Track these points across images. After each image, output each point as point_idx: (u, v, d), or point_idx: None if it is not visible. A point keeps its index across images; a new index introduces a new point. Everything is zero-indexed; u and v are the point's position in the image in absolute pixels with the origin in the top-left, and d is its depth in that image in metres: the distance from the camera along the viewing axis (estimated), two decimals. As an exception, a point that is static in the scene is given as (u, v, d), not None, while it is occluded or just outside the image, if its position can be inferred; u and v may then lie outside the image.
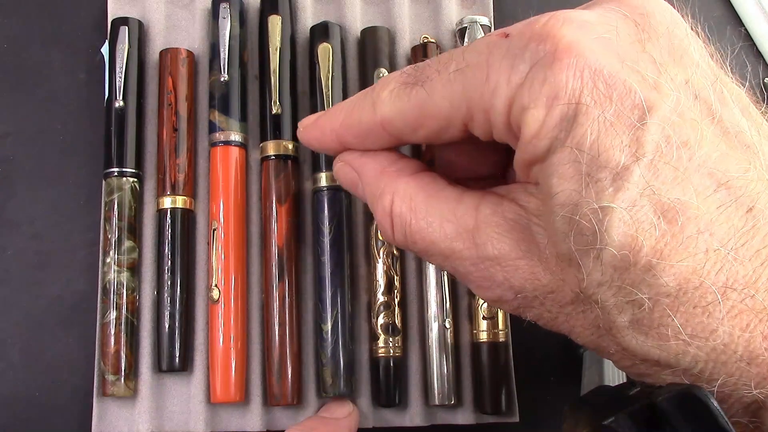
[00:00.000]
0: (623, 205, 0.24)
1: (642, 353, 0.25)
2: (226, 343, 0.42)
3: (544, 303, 0.28)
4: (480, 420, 0.44)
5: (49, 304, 0.44)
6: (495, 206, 0.29)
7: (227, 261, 0.43)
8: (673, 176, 0.24)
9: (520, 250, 0.27)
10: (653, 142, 0.24)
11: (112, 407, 0.43)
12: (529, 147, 0.26)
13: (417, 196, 0.31)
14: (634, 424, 0.24)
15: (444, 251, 0.29)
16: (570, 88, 0.25)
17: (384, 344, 0.43)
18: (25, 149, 0.46)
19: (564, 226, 0.25)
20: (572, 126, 0.25)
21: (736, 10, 0.51)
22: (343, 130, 0.33)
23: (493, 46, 0.27)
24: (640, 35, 0.26)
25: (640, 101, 0.24)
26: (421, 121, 0.30)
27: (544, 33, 0.26)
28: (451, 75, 0.28)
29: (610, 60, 0.25)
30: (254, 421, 0.43)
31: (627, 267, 0.24)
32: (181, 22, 0.48)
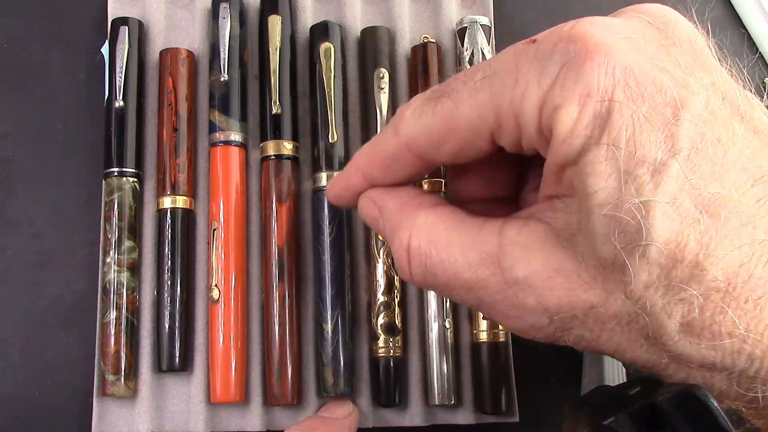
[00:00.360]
0: (665, 200, 0.23)
1: (697, 358, 0.25)
2: (226, 343, 0.42)
3: (585, 322, 0.26)
4: (480, 420, 0.44)
5: (49, 304, 0.44)
6: (520, 227, 0.28)
7: (227, 261, 0.43)
8: (711, 171, 0.24)
9: (552, 268, 0.26)
10: (688, 137, 0.24)
11: (112, 407, 0.43)
12: (563, 147, 0.25)
13: (436, 227, 0.30)
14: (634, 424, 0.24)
15: (468, 281, 0.28)
16: (603, 86, 0.25)
17: (384, 344, 0.43)
18: (25, 149, 0.46)
19: (605, 227, 0.24)
20: (606, 123, 0.24)
21: (736, 10, 0.51)
22: (367, 165, 0.33)
23: (520, 52, 0.27)
24: (664, 41, 0.27)
25: (672, 98, 0.24)
26: (446, 135, 0.29)
27: (573, 34, 0.26)
28: (478, 83, 0.28)
29: (639, 59, 0.25)
30: (254, 421, 0.43)
31: (674, 264, 0.24)
32: (181, 22, 0.48)
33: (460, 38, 0.47)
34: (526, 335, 0.29)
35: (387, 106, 0.46)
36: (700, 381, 0.26)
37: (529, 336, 0.28)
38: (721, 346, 0.24)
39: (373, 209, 0.33)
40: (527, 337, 0.29)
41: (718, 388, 0.25)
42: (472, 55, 0.46)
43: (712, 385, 0.25)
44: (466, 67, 0.46)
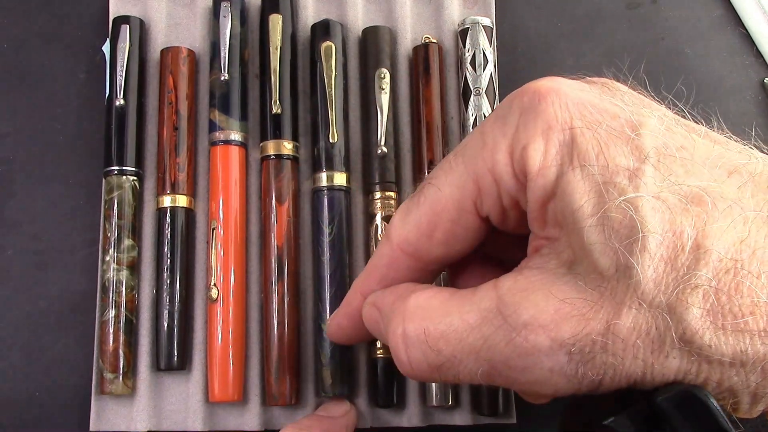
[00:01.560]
0: (650, 195, 0.24)
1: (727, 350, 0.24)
2: (225, 342, 0.42)
3: (605, 345, 0.25)
4: (477, 421, 0.44)
5: (49, 303, 0.44)
6: (515, 277, 0.27)
7: (226, 260, 0.43)
8: (684, 171, 0.25)
9: (557, 300, 0.25)
10: (653, 146, 0.25)
11: (110, 405, 0.43)
12: (539, 181, 0.26)
13: (430, 304, 0.29)
14: (634, 424, 0.24)
15: (473, 344, 0.27)
16: (561, 118, 0.27)
17: (382, 345, 0.43)
18: (25, 149, 0.46)
19: (599, 235, 0.25)
20: (573, 148, 0.26)
21: (736, 10, 0.52)
22: (365, 283, 0.33)
23: (483, 123, 0.29)
24: (607, 91, 0.28)
25: (627, 120, 0.26)
26: (434, 221, 0.30)
27: (524, 89, 0.28)
28: (452, 162, 0.30)
29: (588, 95, 0.27)
30: (252, 421, 0.43)
31: (677, 252, 0.24)
32: (182, 20, 0.48)
33: (462, 39, 0.47)
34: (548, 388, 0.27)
35: (388, 106, 0.46)
36: (735, 381, 0.25)
37: (552, 388, 0.27)
38: (746, 327, 0.24)
39: (374, 311, 0.32)
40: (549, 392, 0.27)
41: (754, 387, 0.25)
42: (474, 56, 0.46)
43: (747, 384, 0.25)
44: (467, 69, 0.46)
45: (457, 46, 0.48)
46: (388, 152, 0.45)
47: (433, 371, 0.29)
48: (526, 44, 0.50)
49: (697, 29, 0.51)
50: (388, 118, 0.45)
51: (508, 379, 0.27)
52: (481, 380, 0.28)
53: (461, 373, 0.28)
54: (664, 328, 0.24)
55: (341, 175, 0.44)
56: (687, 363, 0.25)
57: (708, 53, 0.51)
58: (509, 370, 0.27)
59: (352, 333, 0.35)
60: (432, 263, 0.32)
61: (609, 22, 0.51)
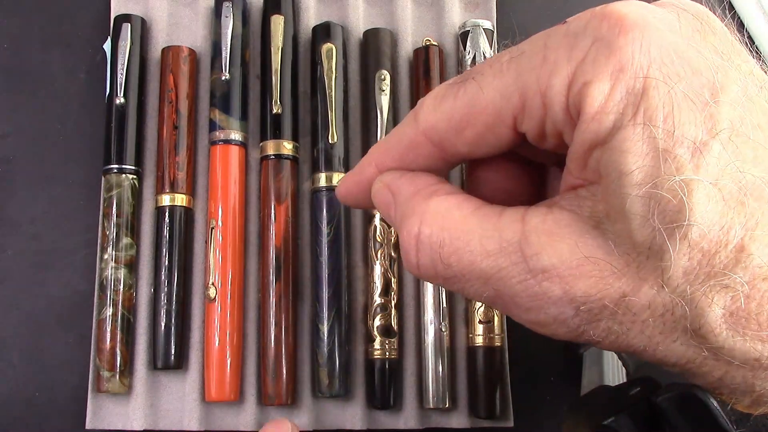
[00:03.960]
0: (708, 180, 0.22)
1: (740, 352, 0.24)
2: (222, 341, 0.42)
3: (615, 313, 0.24)
4: (474, 424, 0.44)
5: (49, 303, 0.44)
6: (544, 215, 0.26)
7: (225, 260, 0.43)
8: (753, 155, 0.23)
9: (581, 255, 0.24)
10: (728, 119, 0.23)
11: (107, 403, 0.42)
12: (592, 125, 0.24)
13: (451, 214, 0.28)
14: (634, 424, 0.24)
15: (485, 271, 0.26)
16: (637, 62, 0.24)
17: (380, 346, 0.43)
18: (25, 149, 0.46)
19: (642, 208, 0.23)
20: (641, 100, 0.23)
21: (736, 10, 0.52)
22: (382, 155, 0.31)
23: (550, 33, 0.26)
24: (700, 27, 0.25)
25: (710, 80, 0.23)
26: (468, 120, 0.28)
27: (606, 12, 0.25)
28: (504, 65, 0.27)
29: (676, 38, 0.24)
30: (248, 421, 0.43)
31: (717, 249, 0.22)
32: (184, 20, 0.48)
33: (463, 42, 0.47)
34: (546, 329, 0.27)
35: (388, 107, 0.46)
36: (739, 380, 0.24)
37: (550, 330, 0.26)
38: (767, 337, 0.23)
39: (386, 194, 0.30)
40: (546, 332, 0.27)
41: (759, 392, 0.24)
42: (474, 59, 0.46)
43: (752, 385, 0.24)
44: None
45: (457, 48, 0.48)
46: (387, 154, 0.45)
47: (438, 279, 0.28)
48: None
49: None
50: (387, 120, 0.46)
51: (510, 311, 0.27)
52: (485, 302, 0.27)
53: (466, 289, 0.27)
54: (680, 317, 0.24)
55: (340, 175, 0.44)
56: (693, 353, 0.24)
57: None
58: (514, 305, 0.26)
59: (360, 199, 0.33)
60: (454, 156, 0.30)
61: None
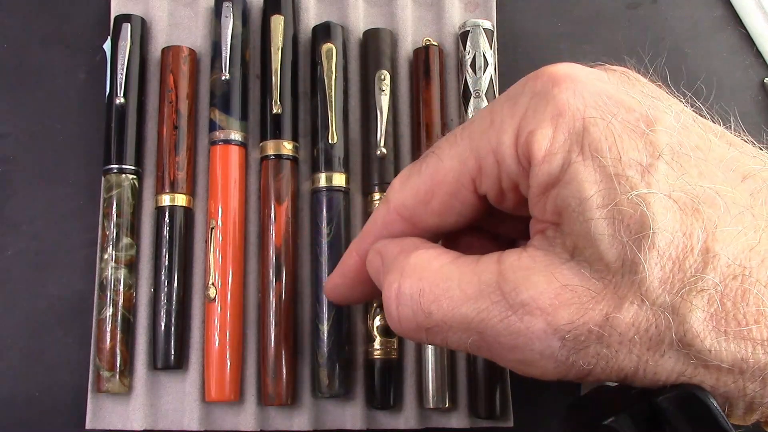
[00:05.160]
0: (662, 193, 0.24)
1: (727, 356, 0.24)
2: (222, 341, 0.42)
3: (601, 336, 0.25)
4: (474, 424, 0.44)
5: (49, 303, 0.44)
6: (518, 254, 0.27)
7: (225, 259, 0.43)
8: (698, 172, 0.25)
9: (558, 284, 0.25)
10: (667, 144, 0.25)
11: (107, 403, 0.42)
12: (544, 167, 0.26)
13: (430, 264, 0.28)
14: (634, 424, 0.24)
15: (467, 315, 0.27)
16: (573, 105, 0.26)
17: (380, 346, 0.43)
18: (25, 149, 0.46)
19: (608, 228, 0.24)
20: (584, 137, 0.25)
21: (736, 10, 0.52)
22: (361, 242, 0.33)
23: (493, 101, 0.29)
24: (626, 79, 0.28)
25: (643, 114, 0.25)
26: (432, 191, 0.30)
27: (540, 72, 0.28)
28: (458, 135, 0.29)
29: (605, 85, 0.26)
30: (248, 421, 0.43)
31: (685, 254, 0.23)
32: (184, 20, 0.48)
33: (463, 42, 0.47)
34: (534, 368, 0.27)
35: (388, 107, 0.46)
36: (731, 388, 0.25)
37: (539, 369, 0.26)
38: (750, 336, 0.24)
39: (377, 259, 0.32)
40: (535, 373, 0.27)
41: (752, 396, 0.25)
42: (474, 59, 0.46)
43: (744, 392, 0.25)
44: (467, 71, 0.46)
45: (457, 48, 0.48)
46: (387, 154, 0.45)
47: (421, 332, 0.28)
48: (527, 47, 0.50)
49: (697, 29, 0.52)
50: (387, 120, 0.46)
51: (496, 354, 0.27)
52: (470, 350, 0.28)
53: (450, 339, 0.28)
54: (665, 328, 0.24)
55: (340, 175, 0.44)
56: (683, 365, 0.25)
57: (708, 53, 0.51)
58: (499, 347, 0.27)
59: (346, 292, 0.35)
60: (426, 231, 0.31)
61: (609, 22, 0.51)
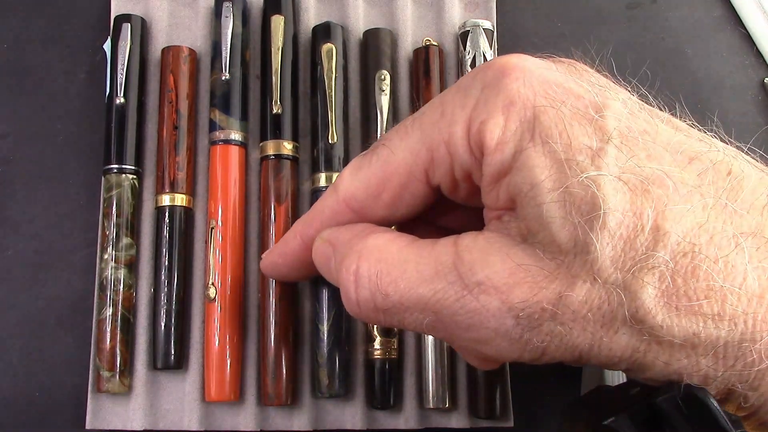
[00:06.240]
0: (611, 174, 0.24)
1: (679, 331, 0.25)
2: (222, 341, 0.42)
3: (555, 314, 0.25)
4: (474, 424, 0.44)
5: (49, 303, 0.44)
6: (475, 236, 0.27)
7: (224, 260, 0.43)
8: (646, 154, 0.25)
9: (513, 264, 0.26)
10: (616, 129, 0.25)
11: (107, 403, 0.42)
12: (496, 156, 0.26)
13: (388, 247, 0.29)
14: (634, 424, 0.24)
15: (423, 295, 0.27)
16: (523, 95, 0.26)
17: (380, 346, 0.43)
18: (25, 149, 0.46)
19: (560, 209, 0.25)
20: (534, 125, 0.26)
21: (736, 10, 0.52)
22: (306, 227, 0.33)
23: (444, 92, 0.29)
24: (574, 69, 0.28)
25: (592, 101, 0.26)
26: (384, 183, 0.30)
27: (489, 64, 0.28)
28: (409, 127, 0.30)
29: (554, 74, 0.27)
30: (248, 421, 0.43)
31: (636, 233, 0.24)
32: (184, 20, 0.48)
33: (463, 42, 0.47)
34: (489, 347, 0.27)
35: (388, 107, 0.46)
36: (684, 364, 0.25)
37: (493, 347, 0.27)
38: (700, 311, 0.24)
39: (326, 248, 0.32)
40: (490, 351, 0.27)
41: (705, 372, 0.25)
42: (474, 59, 0.46)
43: (698, 368, 0.25)
44: (467, 71, 0.46)
45: (457, 48, 0.48)
46: (387, 154, 0.45)
47: (378, 314, 0.29)
48: (527, 47, 0.50)
49: (697, 29, 0.52)
50: (387, 120, 0.46)
51: (452, 335, 0.28)
52: (426, 330, 0.28)
53: (406, 320, 0.28)
54: (617, 305, 0.25)
55: (341, 176, 0.44)
56: (636, 341, 0.25)
57: (708, 53, 0.51)
58: (454, 326, 0.27)
59: (284, 271, 0.35)
60: (375, 222, 0.31)
61: (609, 22, 0.51)
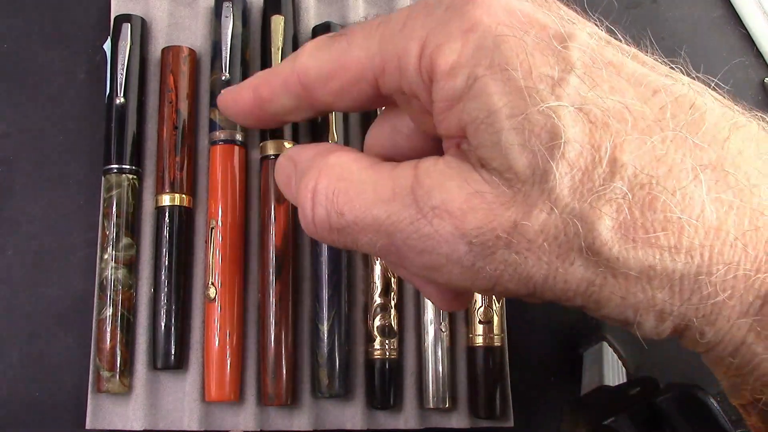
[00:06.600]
0: (572, 105, 0.24)
1: (635, 263, 0.24)
2: (222, 341, 0.42)
3: (509, 243, 0.25)
4: (474, 424, 0.44)
5: (49, 303, 0.44)
6: (435, 160, 0.27)
7: (225, 260, 0.43)
8: (609, 86, 0.25)
9: (469, 190, 0.25)
10: (580, 60, 0.25)
11: (107, 403, 0.42)
12: (449, 81, 0.26)
13: (348, 166, 0.29)
14: (634, 424, 0.24)
15: (378, 216, 0.27)
16: (485, 23, 0.25)
17: (380, 346, 0.43)
18: (25, 149, 0.46)
19: (518, 137, 0.24)
20: (493, 53, 0.25)
21: (736, 10, 0.52)
22: (260, 84, 0.32)
23: (414, 4, 0.28)
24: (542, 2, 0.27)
25: (557, 32, 0.25)
26: (335, 72, 0.29)
27: None
28: (373, 28, 0.29)
29: (521, 4, 0.26)
30: (248, 421, 0.43)
31: (594, 165, 0.24)
32: (184, 20, 0.48)
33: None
34: (440, 273, 0.27)
35: (388, 108, 0.46)
36: (640, 299, 0.25)
37: (444, 274, 0.27)
38: (657, 243, 0.24)
39: (288, 166, 0.32)
40: (441, 278, 0.27)
41: (661, 306, 0.25)
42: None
43: (654, 303, 0.25)
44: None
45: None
46: (387, 154, 0.45)
47: (333, 233, 0.28)
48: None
49: (697, 29, 0.52)
50: (388, 120, 0.46)
51: (403, 260, 0.27)
52: (378, 253, 0.28)
53: (360, 241, 0.28)
54: (573, 235, 0.24)
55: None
56: (592, 273, 0.25)
57: (708, 53, 0.51)
58: (407, 249, 0.27)
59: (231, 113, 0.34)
60: (319, 103, 0.31)
61: (608, 22, 0.51)
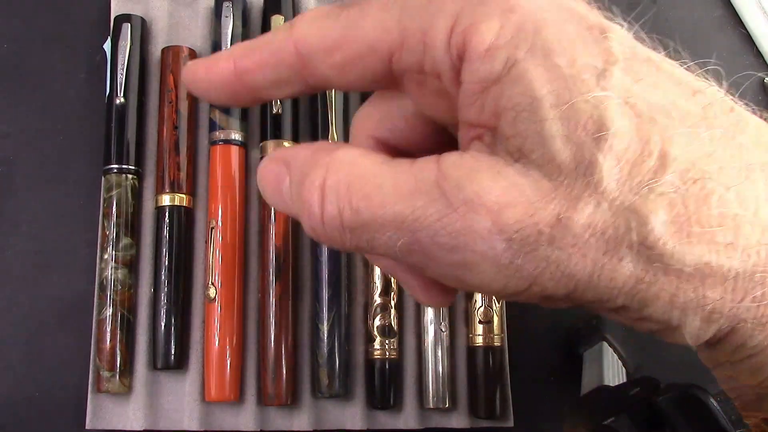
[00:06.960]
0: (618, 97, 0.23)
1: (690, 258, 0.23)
2: (222, 341, 0.42)
3: (553, 238, 0.23)
4: (474, 424, 0.44)
5: (49, 303, 0.44)
6: (460, 155, 0.24)
7: (225, 260, 0.43)
8: (651, 82, 0.24)
9: (506, 183, 0.23)
10: (620, 53, 0.24)
11: (107, 403, 0.42)
12: (485, 63, 0.23)
13: (360, 161, 0.25)
14: (634, 424, 0.24)
15: (400, 212, 0.24)
16: (525, 5, 0.24)
17: (380, 346, 0.43)
18: (25, 149, 0.46)
19: (562, 128, 0.23)
20: (535, 37, 0.23)
21: (736, 10, 0.52)
22: (244, 53, 0.28)
23: None
24: None
25: (596, 22, 0.24)
26: (341, 43, 0.26)
27: None
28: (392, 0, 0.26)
29: None
30: (248, 421, 0.43)
31: (643, 158, 0.23)
32: (184, 20, 0.48)
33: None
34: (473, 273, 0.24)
35: (388, 108, 0.46)
36: (690, 298, 0.24)
37: (477, 274, 0.24)
38: (713, 239, 0.23)
39: (278, 167, 0.27)
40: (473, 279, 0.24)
41: (712, 306, 0.24)
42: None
43: (705, 303, 0.24)
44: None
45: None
46: (387, 154, 0.45)
47: (345, 233, 0.25)
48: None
49: (697, 29, 0.52)
50: (388, 120, 0.46)
51: (430, 257, 0.24)
52: (398, 253, 0.25)
53: (377, 240, 0.25)
54: (624, 230, 0.23)
55: (341, 176, 0.44)
56: (641, 270, 0.23)
57: (708, 53, 0.51)
58: (435, 248, 0.24)
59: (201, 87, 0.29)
60: (315, 77, 0.28)
61: (608, 22, 0.51)
